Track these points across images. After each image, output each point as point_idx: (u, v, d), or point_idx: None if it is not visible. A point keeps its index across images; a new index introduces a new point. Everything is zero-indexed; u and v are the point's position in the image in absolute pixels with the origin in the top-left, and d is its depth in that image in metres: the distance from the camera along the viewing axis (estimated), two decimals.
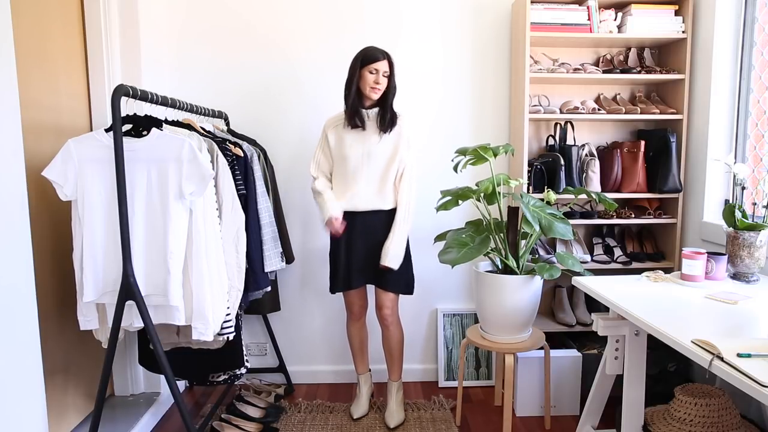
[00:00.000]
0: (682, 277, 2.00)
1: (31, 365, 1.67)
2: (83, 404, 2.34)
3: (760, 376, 1.16)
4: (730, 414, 1.80)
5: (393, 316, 2.48)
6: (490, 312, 2.33)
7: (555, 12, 2.57)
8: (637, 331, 1.88)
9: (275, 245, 2.37)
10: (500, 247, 2.35)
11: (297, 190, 2.89)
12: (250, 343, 2.98)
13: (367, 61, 2.27)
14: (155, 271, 1.87)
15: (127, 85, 1.76)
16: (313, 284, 2.94)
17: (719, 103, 2.46)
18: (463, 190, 2.37)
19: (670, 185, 2.61)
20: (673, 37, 2.60)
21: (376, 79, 2.27)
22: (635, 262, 2.70)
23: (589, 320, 2.70)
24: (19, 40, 1.91)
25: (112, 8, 2.38)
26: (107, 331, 1.93)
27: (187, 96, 2.79)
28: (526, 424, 2.53)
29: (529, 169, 2.66)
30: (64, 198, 1.85)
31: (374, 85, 2.27)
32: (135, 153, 1.84)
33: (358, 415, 2.57)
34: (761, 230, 1.93)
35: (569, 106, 2.67)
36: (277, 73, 2.82)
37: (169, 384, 1.87)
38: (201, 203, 1.91)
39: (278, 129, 2.85)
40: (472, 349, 2.93)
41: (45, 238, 2.07)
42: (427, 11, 2.82)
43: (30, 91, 2.00)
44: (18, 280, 1.61)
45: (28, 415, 1.65)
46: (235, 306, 2.07)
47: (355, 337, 2.59)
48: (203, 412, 2.66)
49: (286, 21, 2.80)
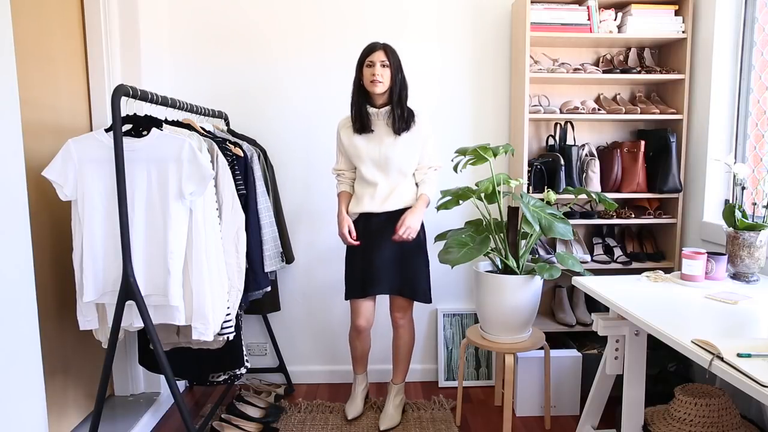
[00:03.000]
0: (682, 277, 2.00)
1: (31, 365, 1.66)
2: (83, 404, 2.34)
3: (760, 376, 1.16)
4: (730, 414, 1.80)
5: (404, 319, 2.45)
6: (490, 312, 2.33)
7: (555, 12, 2.57)
8: (637, 331, 1.88)
9: (275, 245, 2.37)
10: (500, 247, 2.35)
11: (297, 190, 2.89)
12: (250, 343, 2.98)
13: (363, 56, 2.22)
14: (155, 271, 1.87)
15: (127, 85, 1.76)
16: (313, 284, 2.94)
17: (719, 103, 2.46)
18: (463, 190, 2.37)
19: (670, 185, 2.61)
20: (673, 37, 2.60)
21: (373, 71, 2.18)
22: (635, 262, 2.70)
23: (589, 320, 2.70)
24: (19, 40, 1.91)
25: (112, 8, 2.38)
26: (107, 331, 1.93)
27: (187, 96, 2.79)
28: (526, 424, 2.53)
29: (529, 169, 2.66)
30: (64, 198, 1.85)
31: (372, 77, 2.18)
32: (135, 153, 1.84)
33: (352, 416, 2.53)
34: (761, 230, 1.93)
35: (569, 106, 2.67)
36: (277, 73, 2.82)
37: (169, 384, 1.87)
38: (201, 203, 1.91)
39: (278, 129, 2.85)
40: (472, 349, 2.93)
41: (45, 237, 2.07)
42: (427, 11, 2.82)
43: (30, 91, 1.99)
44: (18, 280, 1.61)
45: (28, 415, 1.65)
46: (235, 306, 2.07)
47: (357, 348, 2.54)
48: (203, 412, 2.66)
49: (287, 21, 2.80)
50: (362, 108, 2.27)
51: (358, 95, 2.27)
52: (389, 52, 2.21)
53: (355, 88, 2.28)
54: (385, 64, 2.20)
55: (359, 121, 2.28)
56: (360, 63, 2.24)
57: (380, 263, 2.32)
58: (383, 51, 2.20)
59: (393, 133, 2.27)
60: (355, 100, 2.28)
